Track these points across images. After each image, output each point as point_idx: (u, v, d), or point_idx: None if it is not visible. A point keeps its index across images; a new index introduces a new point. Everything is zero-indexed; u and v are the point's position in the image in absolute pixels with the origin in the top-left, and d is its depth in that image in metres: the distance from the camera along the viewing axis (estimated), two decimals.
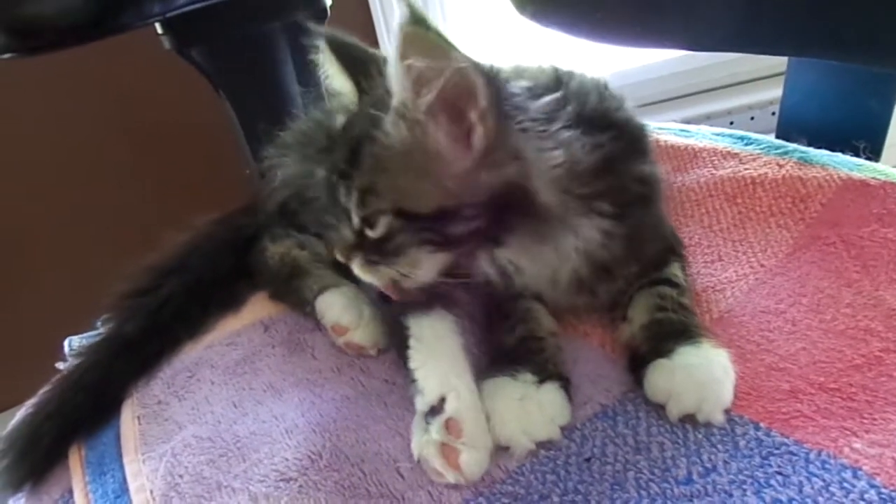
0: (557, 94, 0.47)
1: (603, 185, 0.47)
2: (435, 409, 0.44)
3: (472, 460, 0.42)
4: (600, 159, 0.47)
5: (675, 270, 0.53)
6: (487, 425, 0.44)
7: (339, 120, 0.51)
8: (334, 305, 0.57)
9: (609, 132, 0.48)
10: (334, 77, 0.51)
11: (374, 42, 1.18)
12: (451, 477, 0.42)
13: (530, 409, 0.44)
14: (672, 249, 0.56)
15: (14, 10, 0.60)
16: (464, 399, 0.44)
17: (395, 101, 0.43)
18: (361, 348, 0.56)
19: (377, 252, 0.46)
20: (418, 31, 0.38)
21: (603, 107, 0.51)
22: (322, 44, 0.50)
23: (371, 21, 1.23)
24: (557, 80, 0.51)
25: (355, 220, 0.46)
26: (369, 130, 0.44)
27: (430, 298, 0.50)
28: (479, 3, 1.24)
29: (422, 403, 0.45)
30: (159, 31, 0.74)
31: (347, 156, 0.46)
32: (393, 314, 0.52)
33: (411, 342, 0.48)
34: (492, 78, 0.42)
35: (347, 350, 0.56)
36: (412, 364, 0.47)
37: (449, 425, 0.43)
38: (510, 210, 0.44)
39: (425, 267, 0.46)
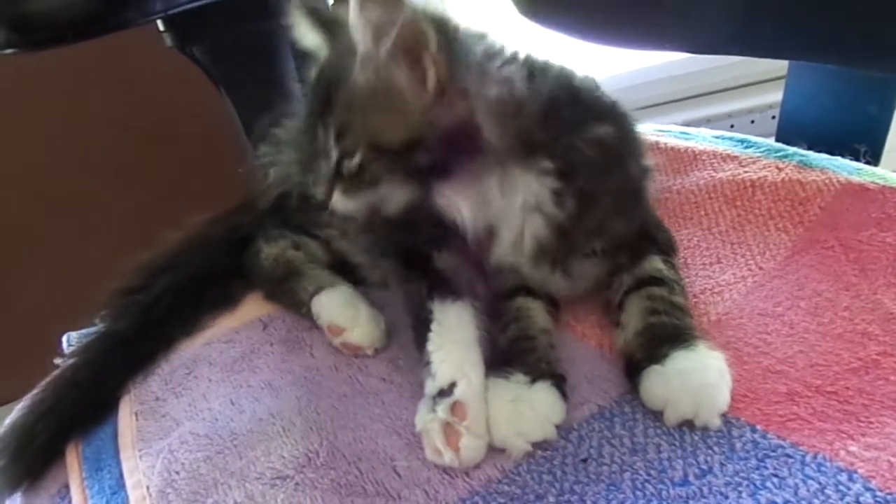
0: (499, 39, 0.51)
1: (547, 137, 0.48)
2: (444, 392, 0.45)
3: (471, 445, 0.43)
4: (545, 105, 0.48)
5: (656, 264, 0.53)
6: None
7: (313, 70, 0.54)
8: (330, 305, 0.58)
9: (562, 91, 0.50)
10: (306, 35, 0.55)
11: None
12: (447, 457, 0.43)
13: (523, 410, 0.44)
14: (652, 239, 0.55)
15: (17, 6, 0.60)
16: (473, 387, 0.45)
17: (359, 49, 0.46)
18: (358, 348, 0.56)
19: (354, 182, 0.49)
20: None
21: (564, 74, 0.52)
22: (294, 10, 0.54)
23: None
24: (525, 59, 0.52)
25: (333, 155, 0.49)
26: (340, 75, 0.48)
27: (455, 287, 0.52)
28: (483, 3, 1.25)
29: (431, 386, 0.46)
30: (161, 28, 0.74)
31: (324, 98, 0.49)
32: (415, 297, 0.53)
33: (433, 326, 0.49)
34: (440, 25, 0.46)
35: (344, 350, 0.56)
36: (430, 346, 0.48)
37: (455, 408, 0.44)
38: (462, 144, 0.47)
39: (396, 195, 0.49)
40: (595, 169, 0.50)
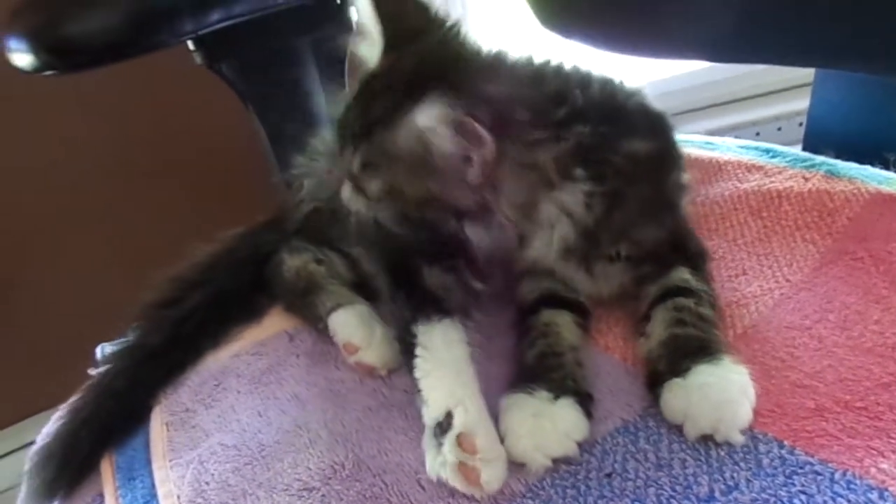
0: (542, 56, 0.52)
1: (583, 154, 0.49)
2: (443, 425, 0.44)
3: (493, 476, 0.42)
4: (571, 149, 0.48)
5: (683, 275, 0.52)
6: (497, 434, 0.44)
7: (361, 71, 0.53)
8: (346, 324, 0.58)
9: (603, 106, 0.51)
10: (364, 15, 0.53)
11: None
12: (475, 493, 0.43)
13: (544, 426, 0.44)
14: (682, 250, 0.55)
15: (55, 31, 0.62)
16: (471, 411, 0.44)
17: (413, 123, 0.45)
18: (371, 369, 0.55)
19: (364, 196, 0.51)
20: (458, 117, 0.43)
21: (607, 88, 0.53)
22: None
23: None
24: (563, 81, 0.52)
25: (355, 166, 0.50)
26: (388, 117, 0.47)
27: (443, 305, 0.51)
28: (503, 6, 1.25)
29: (428, 417, 0.45)
30: (191, 47, 0.77)
31: (362, 124, 0.49)
32: (399, 320, 0.53)
33: (418, 351, 0.49)
34: (504, 134, 0.44)
35: (358, 369, 0.56)
36: (417, 373, 0.48)
37: (461, 442, 0.42)
38: (473, 215, 0.49)
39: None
40: (627, 178, 0.50)
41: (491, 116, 0.44)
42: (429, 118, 0.44)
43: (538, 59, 0.52)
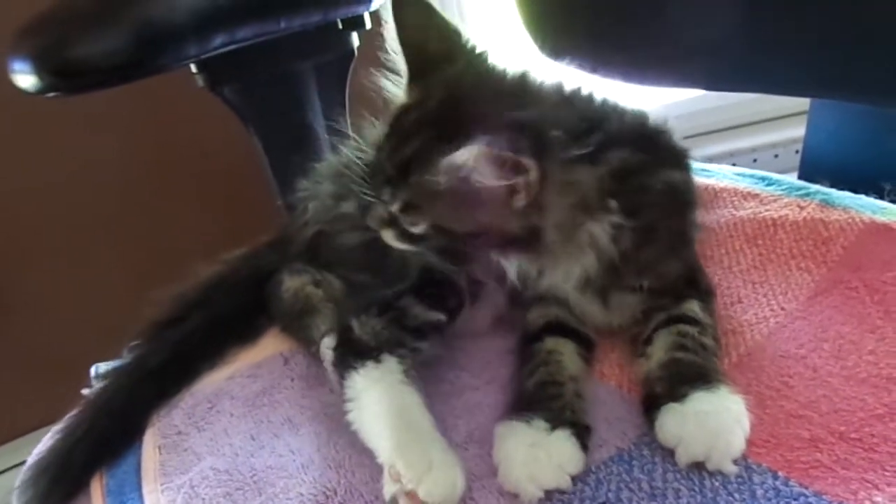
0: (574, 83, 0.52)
1: (616, 184, 0.49)
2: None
3: (429, 490, 0.43)
4: (609, 172, 0.48)
5: (692, 306, 0.53)
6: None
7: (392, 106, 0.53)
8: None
9: (635, 137, 0.51)
10: (393, 47, 0.52)
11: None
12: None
13: (538, 456, 0.44)
14: (694, 285, 0.55)
15: (60, 53, 0.63)
16: (387, 444, 0.46)
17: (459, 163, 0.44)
18: None
19: (409, 237, 0.51)
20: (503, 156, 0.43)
21: (638, 119, 0.54)
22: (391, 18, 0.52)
23: None
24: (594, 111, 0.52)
25: (394, 207, 0.50)
26: (423, 157, 0.46)
27: (365, 352, 0.52)
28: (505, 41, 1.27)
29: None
30: (194, 70, 0.78)
31: (397, 165, 0.49)
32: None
33: (347, 406, 0.51)
34: (543, 154, 0.44)
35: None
36: (353, 427, 0.50)
37: (391, 474, 0.44)
38: (521, 242, 0.48)
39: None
40: (658, 210, 0.51)
41: (529, 141, 0.43)
42: (469, 158, 0.42)
43: (568, 85, 0.53)
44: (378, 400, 0.49)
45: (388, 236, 0.52)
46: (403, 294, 0.55)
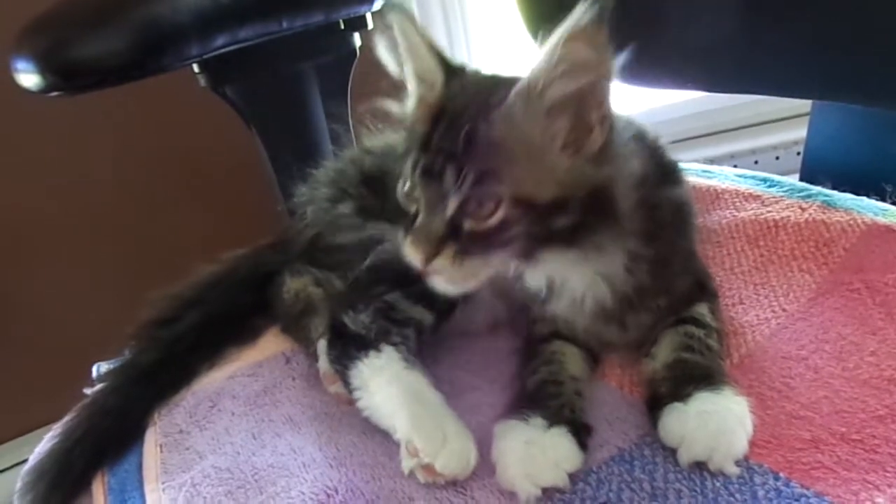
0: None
1: (638, 202, 0.47)
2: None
3: (446, 464, 0.44)
4: (641, 177, 0.48)
5: (701, 310, 0.53)
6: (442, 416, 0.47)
7: (422, 103, 0.49)
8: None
9: (647, 151, 0.50)
10: (416, 53, 0.48)
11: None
12: (437, 481, 0.45)
13: (534, 453, 0.44)
14: (702, 287, 0.56)
15: (62, 53, 0.63)
16: (403, 422, 0.47)
17: (528, 80, 0.42)
18: (351, 401, 0.54)
19: (475, 244, 0.44)
20: (598, 26, 0.39)
21: (640, 131, 0.53)
22: (402, 23, 0.47)
23: None
24: None
25: (450, 206, 0.43)
26: (480, 114, 0.43)
27: (366, 342, 0.53)
28: (500, 16, 1.26)
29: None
30: (196, 70, 0.78)
31: (454, 137, 0.43)
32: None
33: (355, 394, 0.51)
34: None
35: (337, 399, 0.56)
36: (364, 413, 0.51)
37: (409, 448, 0.46)
38: (599, 211, 0.44)
39: (496, 266, 0.46)
40: (671, 230, 0.51)
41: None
42: (543, 65, 0.40)
43: None
44: (388, 382, 0.50)
45: (446, 257, 0.44)
46: (391, 290, 0.55)
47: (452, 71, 0.48)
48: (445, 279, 0.45)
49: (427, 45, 0.48)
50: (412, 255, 0.45)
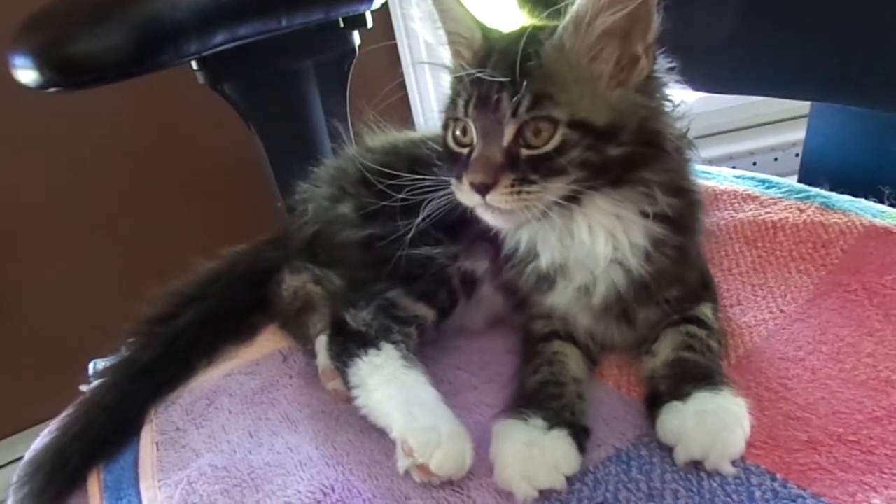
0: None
1: (669, 185, 0.48)
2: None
3: (440, 464, 0.44)
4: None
5: (704, 310, 0.53)
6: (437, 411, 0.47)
7: (468, 50, 0.50)
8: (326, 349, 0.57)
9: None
10: (452, 16, 0.51)
11: (402, 86, 1.19)
12: (433, 480, 0.45)
13: (533, 455, 0.44)
14: (706, 286, 0.56)
15: (61, 49, 0.63)
16: (399, 421, 0.47)
17: (576, 11, 0.44)
18: (349, 398, 0.54)
19: (533, 172, 0.45)
20: None
21: None
22: None
23: (398, 60, 1.26)
24: None
25: (508, 135, 0.45)
26: (531, 45, 0.45)
27: (366, 340, 0.53)
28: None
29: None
30: (194, 67, 0.78)
31: (511, 66, 0.45)
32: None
33: (353, 393, 0.51)
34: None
35: (335, 396, 0.56)
36: (362, 412, 0.51)
37: (403, 448, 0.45)
38: (650, 144, 0.46)
39: (543, 206, 0.46)
40: (692, 219, 0.51)
41: None
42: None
43: None
44: (386, 381, 0.50)
45: (504, 184, 0.44)
46: (393, 287, 0.55)
47: (486, 28, 0.51)
48: (501, 211, 0.46)
49: (461, 7, 0.51)
50: (467, 191, 0.46)
